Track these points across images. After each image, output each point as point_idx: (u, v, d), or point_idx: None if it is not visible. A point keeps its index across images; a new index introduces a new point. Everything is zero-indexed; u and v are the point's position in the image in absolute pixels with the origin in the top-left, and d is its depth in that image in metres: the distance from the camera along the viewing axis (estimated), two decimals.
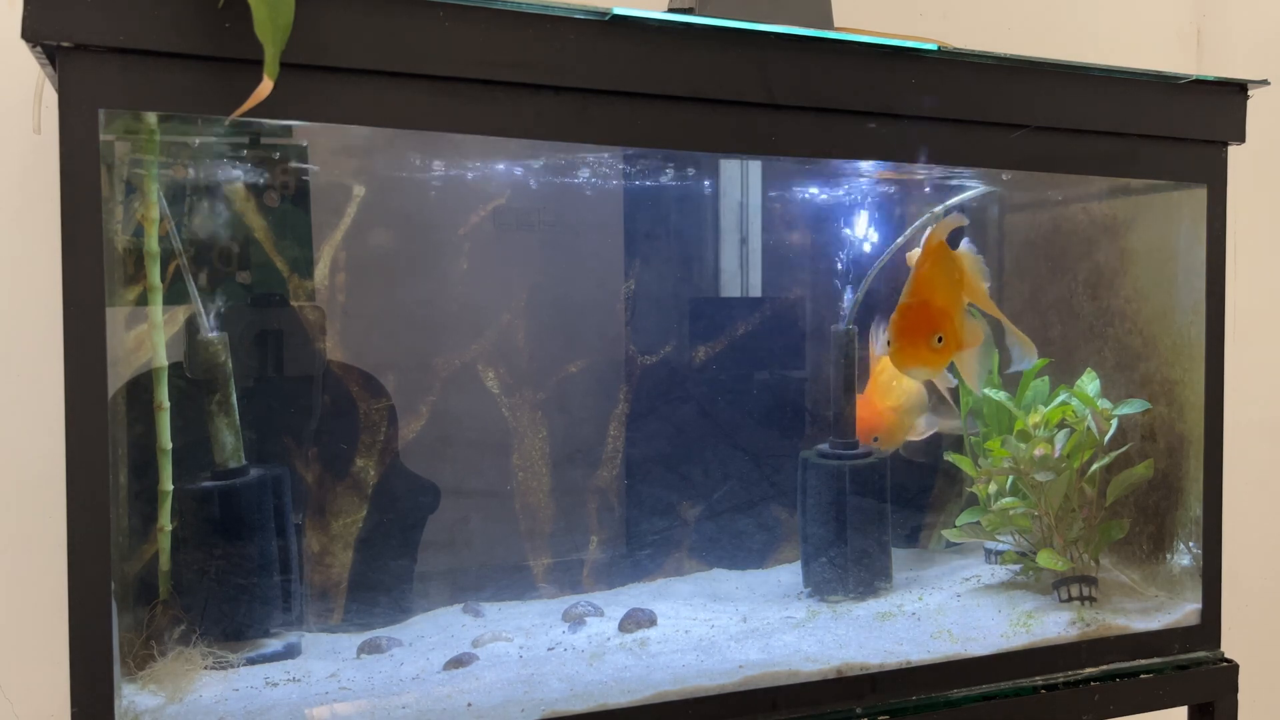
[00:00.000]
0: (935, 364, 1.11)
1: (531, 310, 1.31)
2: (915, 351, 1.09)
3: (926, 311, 1.10)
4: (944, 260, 1.16)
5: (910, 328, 1.09)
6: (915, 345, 1.09)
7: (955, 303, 1.15)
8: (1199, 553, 1.26)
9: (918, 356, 1.09)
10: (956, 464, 1.37)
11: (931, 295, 1.12)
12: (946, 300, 1.13)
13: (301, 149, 1.14)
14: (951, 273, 1.16)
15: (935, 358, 1.10)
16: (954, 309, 1.14)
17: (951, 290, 1.15)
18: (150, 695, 0.95)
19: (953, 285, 1.16)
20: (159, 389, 1.03)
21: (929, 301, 1.11)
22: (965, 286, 1.19)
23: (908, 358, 1.09)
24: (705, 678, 1.04)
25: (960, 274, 1.19)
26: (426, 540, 1.24)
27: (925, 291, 1.12)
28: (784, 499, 1.41)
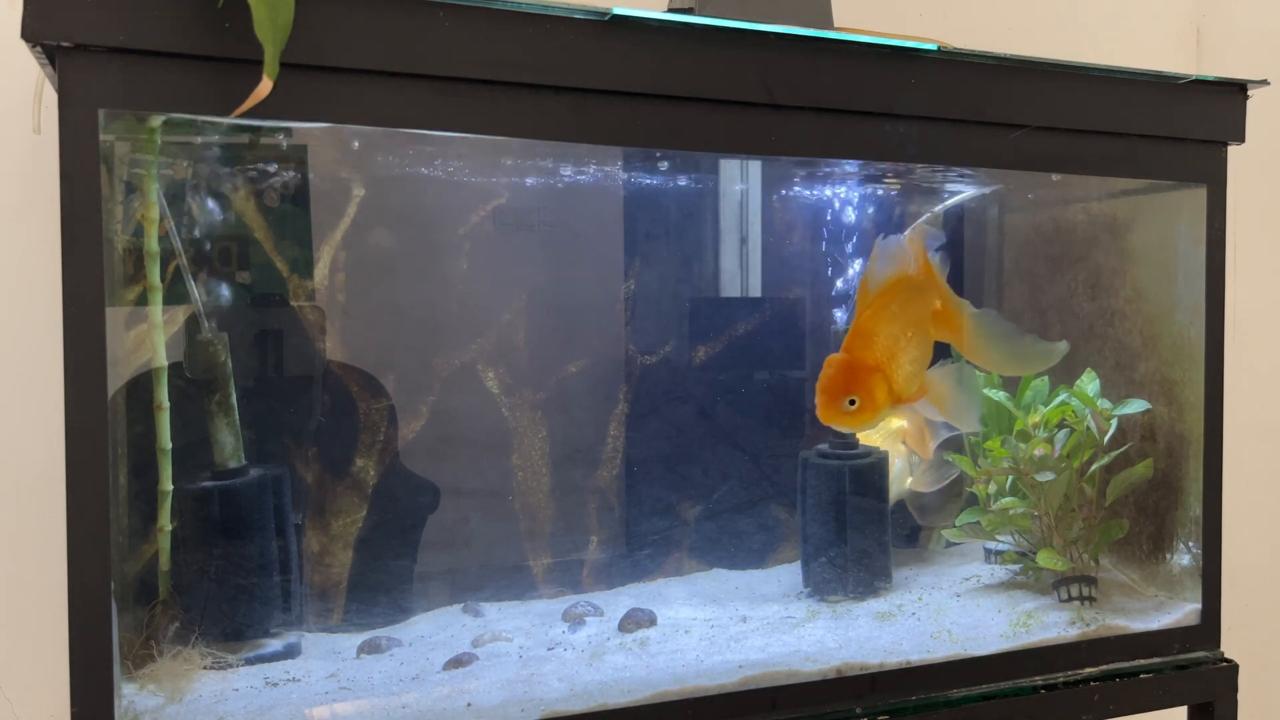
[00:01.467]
0: (854, 425, 1.05)
1: (531, 310, 1.31)
2: (829, 410, 1.04)
3: (847, 370, 1.04)
4: (901, 303, 1.07)
5: (826, 385, 1.04)
6: (828, 405, 1.04)
7: (897, 356, 1.06)
8: (1199, 552, 1.26)
9: (832, 417, 1.04)
10: (957, 464, 1.38)
11: (867, 349, 1.05)
12: (886, 355, 1.05)
13: (301, 149, 1.14)
14: (907, 317, 1.07)
15: (850, 420, 1.04)
16: (893, 364, 1.06)
17: (899, 341, 1.06)
18: (150, 695, 0.95)
19: (903, 334, 1.06)
20: (159, 389, 1.02)
21: (858, 359, 1.05)
22: (943, 323, 1.10)
23: (824, 415, 1.04)
24: (705, 678, 1.04)
25: (924, 312, 1.09)
26: (426, 540, 1.24)
27: (860, 344, 1.05)
28: (784, 499, 1.41)
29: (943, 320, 1.11)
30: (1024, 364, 1.18)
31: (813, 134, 1.03)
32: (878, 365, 1.05)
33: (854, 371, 1.04)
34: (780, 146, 1.03)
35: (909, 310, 1.07)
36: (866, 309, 1.06)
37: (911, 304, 1.07)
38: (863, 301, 1.07)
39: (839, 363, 1.04)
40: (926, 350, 1.09)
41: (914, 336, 1.07)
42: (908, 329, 1.06)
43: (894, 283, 1.06)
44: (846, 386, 1.03)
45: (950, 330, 1.12)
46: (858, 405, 1.03)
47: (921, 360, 1.08)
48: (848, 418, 1.04)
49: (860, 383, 1.04)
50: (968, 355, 1.11)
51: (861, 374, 1.04)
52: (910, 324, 1.06)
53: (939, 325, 1.11)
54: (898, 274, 1.07)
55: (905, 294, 1.07)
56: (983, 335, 1.13)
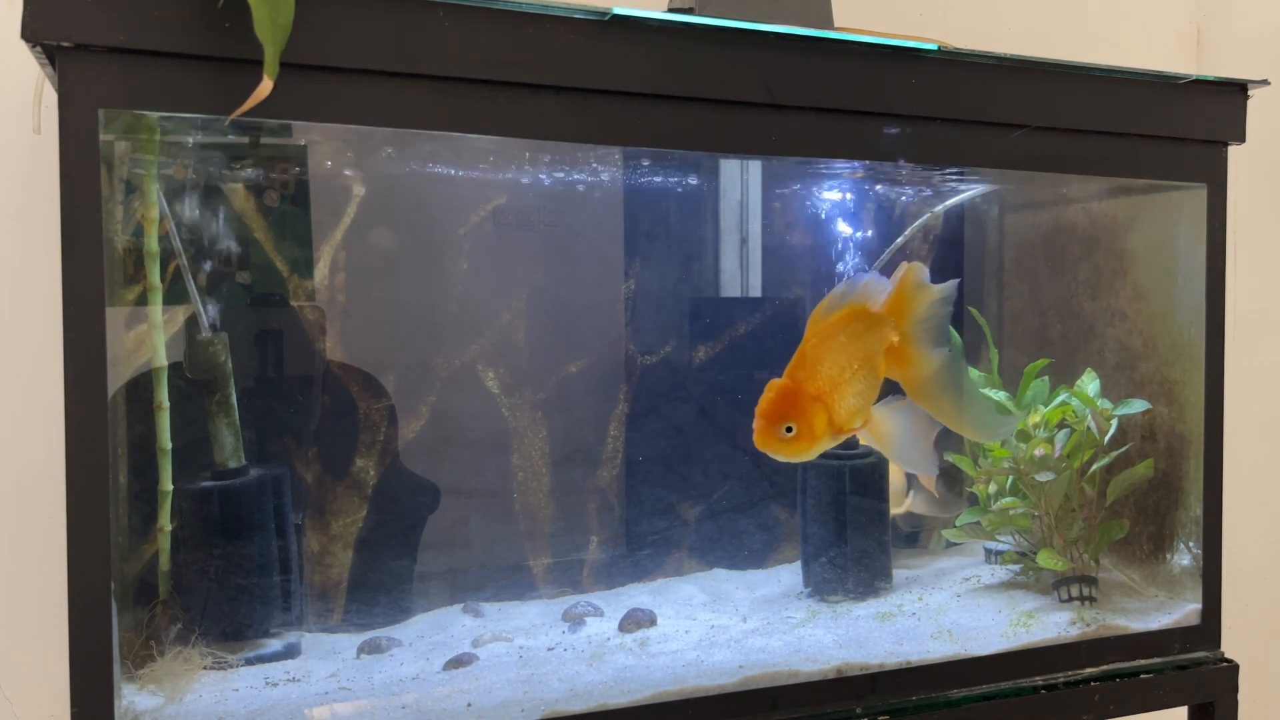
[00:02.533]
0: (790, 454, 1.02)
1: (531, 310, 1.31)
2: (765, 436, 1.01)
3: (787, 396, 1.01)
4: (851, 334, 1.04)
5: (765, 409, 1.01)
6: (764, 430, 1.01)
7: (841, 388, 1.03)
8: (1199, 552, 1.26)
9: (767, 443, 1.01)
10: (957, 464, 1.38)
11: (809, 378, 1.02)
12: (829, 384, 1.02)
13: (301, 149, 1.14)
14: (856, 349, 1.04)
15: (786, 447, 1.01)
16: (835, 394, 1.03)
17: (844, 372, 1.03)
18: (150, 695, 0.95)
19: (849, 366, 1.03)
20: (159, 389, 1.02)
21: (799, 386, 1.02)
22: (896, 360, 1.07)
23: (760, 440, 1.02)
24: (705, 678, 1.04)
25: (875, 346, 1.06)
26: (426, 540, 1.24)
27: (803, 371, 1.02)
28: (784, 499, 1.41)
29: (897, 358, 1.07)
30: (972, 428, 1.13)
31: (813, 134, 1.03)
32: (819, 394, 1.02)
33: (794, 398, 1.01)
34: (780, 146, 1.03)
35: (858, 343, 1.04)
36: (814, 336, 1.04)
37: (862, 337, 1.05)
38: (812, 328, 1.05)
39: (779, 388, 1.02)
40: (874, 385, 1.06)
41: (860, 369, 1.04)
42: (855, 361, 1.04)
43: (847, 314, 1.04)
44: (785, 413, 1.01)
45: (903, 370, 1.08)
46: (795, 433, 1.00)
47: (867, 394, 1.05)
48: (783, 445, 1.01)
49: (799, 410, 1.01)
50: (915, 398, 1.08)
51: (801, 402, 1.01)
52: (858, 356, 1.04)
53: (891, 362, 1.07)
54: (853, 306, 1.04)
55: (857, 326, 1.05)
56: (937, 385, 1.08)
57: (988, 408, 1.13)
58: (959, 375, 1.08)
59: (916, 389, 1.07)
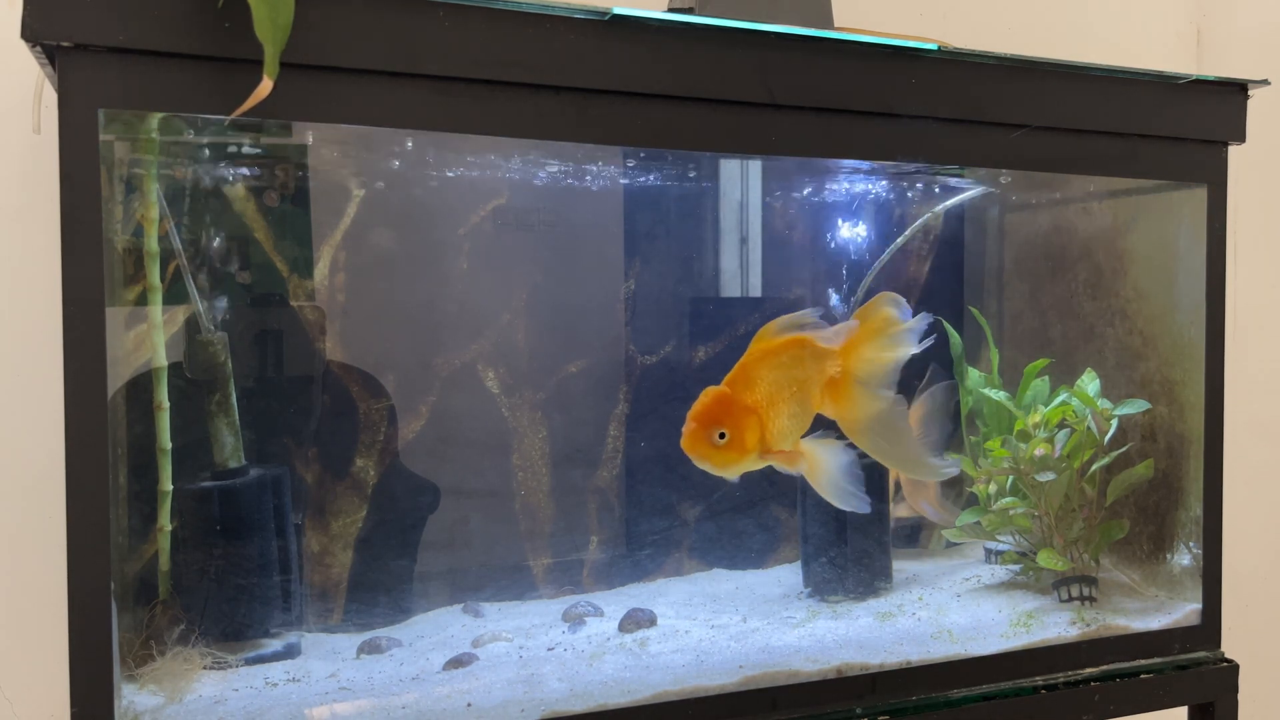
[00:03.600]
0: (717, 461, 1.01)
1: (531, 310, 1.31)
2: (695, 439, 1.00)
3: (724, 403, 1.01)
4: (793, 358, 1.04)
5: (699, 413, 1.00)
6: (696, 433, 1.00)
7: (776, 406, 1.02)
8: (1199, 553, 1.26)
9: (697, 446, 1.01)
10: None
11: (746, 390, 1.02)
12: (765, 400, 1.02)
13: (301, 149, 1.14)
14: (794, 374, 1.04)
15: (716, 454, 1.00)
16: (769, 412, 1.02)
17: (781, 392, 1.03)
18: (150, 695, 0.95)
19: (787, 389, 1.03)
20: (159, 389, 1.02)
21: (736, 396, 1.01)
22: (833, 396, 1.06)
23: (689, 442, 1.01)
24: (705, 678, 1.04)
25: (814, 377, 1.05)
26: (426, 540, 1.24)
27: (741, 383, 1.02)
28: (784, 499, 1.41)
29: (835, 394, 1.06)
30: (910, 470, 1.13)
31: (813, 134, 1.03)
32: (755, 408, 1.02)
33: (730, 406, 1.01)
34: (780, 146, 1.03)
35: (798, 368, 1.04)
36: (757, 351, 1.03)
37: (802, 363, 1.04)
38: (756, 344, 1.04)
39: (716, 394, 1.01)
40: (806, 412, 1.05)
41: (796, 394, 1.04)
42: (792, 385, 1.04)
43: (794, 339, 1.04)
44: (719, 419, 1.00)
45: (839, 407, 1.07)
46: (726, 440, 1.00)
47: (799, 419, 1.05)
48: (713, 451, 1.00)
49: (734, 419, 1.01)
50: (850, 436, 1.07)
51: (737, 411, 1.01)
52: (796, 381, 1.04)
53: (829, 397, 1.06)
54: (802, 335, 1.04)
55: (800, 352, 1.04)
56: (876, 427, 1.07)
57: (925, 451, 1.10)
58: (899, 419, 1.07)
59: (852, 428, 1.07)
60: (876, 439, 1.07)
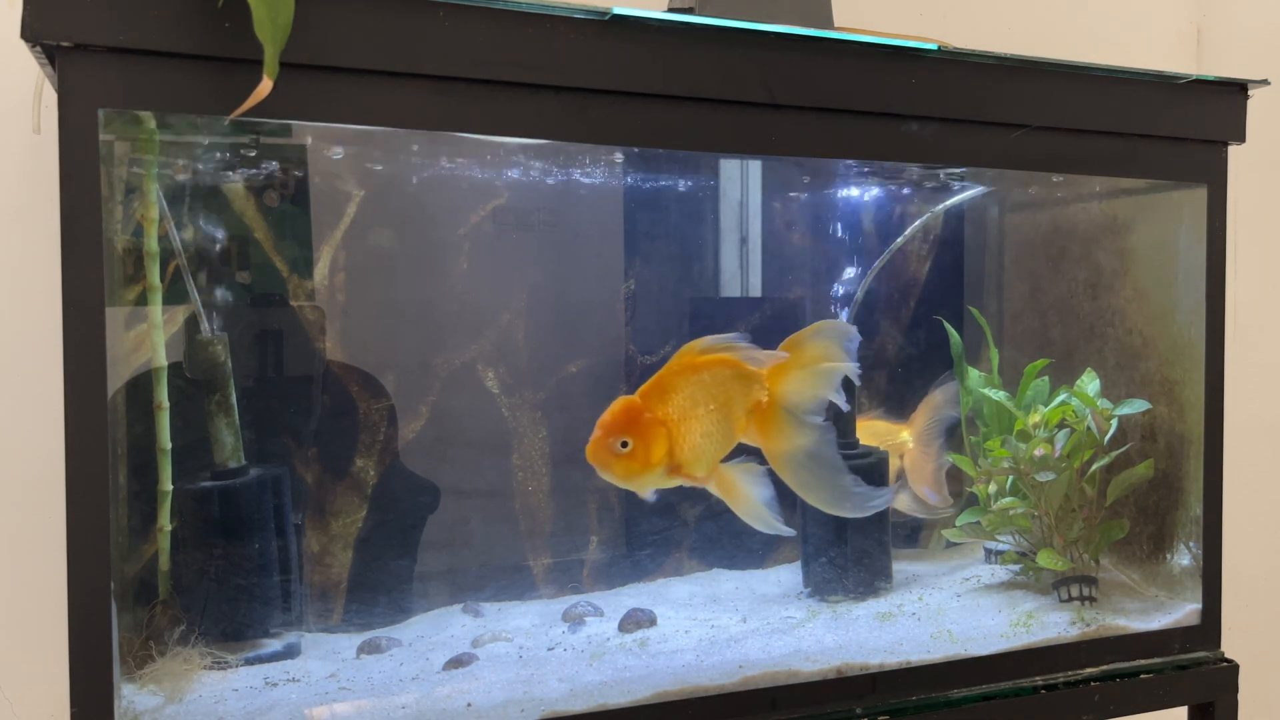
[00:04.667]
0: (619, 471, 0.99)
1: (531, 310, 1.31)
2: (599, 446, 0.99)
3: (632, 413, 0.99)
4: (716, 378, 1.02)
5: (605, 419, 0.99)
6: (600, 440, 0.98)
7: (690, 423, 1.00)
8: (1199, 553, 1.26)
9: (598, 454, 0.99)
10: (957, 464, 1.38)
11: (659, 403, 1.00)
12: (678, 415, 1.00)
13: (301, 149, 1.14)
14: (716, 394, 1.02)
15: (617, 463, 0.98)
16: (681, 428, 1.00)
17: (697, 409, 1.01)
18: (150, 695, 0.95)
19: (704, 407, 1.01)
20: (159, 389, 1.02)
21: (647, 407, 0.99)
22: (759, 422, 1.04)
23: (593, 449, 0.99)
24: (705, 678, 1.04)
25: (738, 400, 1.03)
26: (426, 540, 1.24)
27: (655, 395, 1.00)
28: (784, 499, 1.40)
29: (761, 421, 1.04)
30: (833, 506, 1.09)
31: (813, 134, 1.03)
32: (665, 421, 1.00)
33: (637, 416, 0.99)
34: (780, 146, 1.03)
35: (720, 389, 1.02)
36: (678, 366, 1.02)
37: (726, 385, 1.02)
38: (678, 359, 1.02)
39: (626, 403, 1.00)
40: (726, 435, 1.03)
41: (715, 415, 1.02)
42: (711, 404, 1.02)
43: (720, 359, 1.02)
44: (625, 427, 0.98)
45: (764, 435, 1.05)
46: (629, 450, 0.98)
47: (715, 440, 1.02)
48: (615, 459, 0.98)
49: (640, 429, 0.98)
50: (773, 466, 1.05)
51: (645, 422, 0.99)
52: (717, 400, 1.02)
53: (755, 423, 1.04)
54: (729, 355, 1.02)
55: (724, 372, 1.02)
56: (799, 458, 1.05)
57: (849, 485, 1.06)
58: (827, 450, 1.05)
59: (776, 459, 1.05)
60: (801, 471, 1.05)
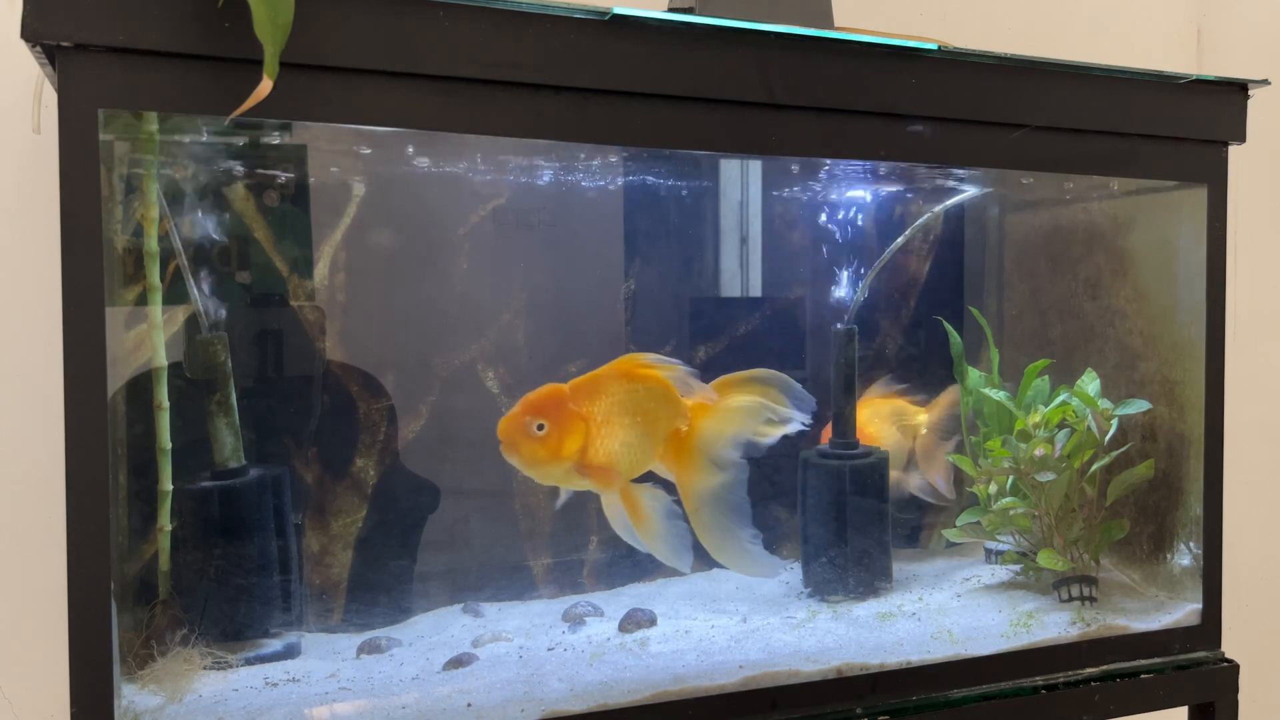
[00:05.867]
0: (527, 453, 0.98)
1: (531, 310, 1.31)
2: (514, 422, 0.98)
3: (557, 399, 0.99)
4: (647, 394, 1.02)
5: (529, 398, 0.99)
6: (517, 416, 0.98)
7: (611, 427, 1.00)
8: (1199, 553, 1.26)
9: (510, 430, 0.98)
10: (957, 464, 1.38)
11: (584, 398, 0.99)
12: (600, 416, 0.99)
13: (301, 148, 1.14)
14: (640, 409, 1.01)
15: (527, 444, 0.98)
16: (600, 429, 1.00)
17: (619, 416, 1.00)
18: (150, 695, 0.95)
19: (627, 416, 1.01)
20: (159, 389, 1.02)
21: (573, 399, 0.99)
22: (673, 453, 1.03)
23: (506, 422, 0.99)
24: (705, 678, 1.04)
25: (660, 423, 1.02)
26: (426, 540, 1.24)
27: (583, 390, 1.00)
28: (784, 499, 1.41)
29: (677, 451, 1.04)
30: (722, 551, 1.08)
31: (813, 134, 1.03)
32: (587, 418, 1.00)
33: (561, 404, 0.99)
34: (780, 146, 1.03)
35: (648, 404, 1.02)
36: (613, 370, 1.02)
37: (654, 403, 1.02)
38: (616, 364, 1.02)
39: (553, 388, 1.00)
40: (642, 450, 1.02)
41: (637, 427, 1.02)
42: (635, 416, 1.01)
43: (655, 378, 1.02)
44: (545, 410, 0.98)
45: (677, 467, 1.04)
46: (544, 434, 0.98)
47: (632, 451, 1.02)
48: (525, 440, 0.98)
49: (561, 417, 0.98)
50: (684, 499, 1.05)
51: (567, 413, 0.99)
52: (641, 414, 1.01)
53: (671, 451, 1.04)
54: (664, 379, 1.02)
55: (655, 391, 1.02)
56: (706, 499, 1.05)
57: (748, 540, 1.06)
58: (730, 498, 1.05)
59: (686, 492, 1.04)
60: (703, 512, 1.04)
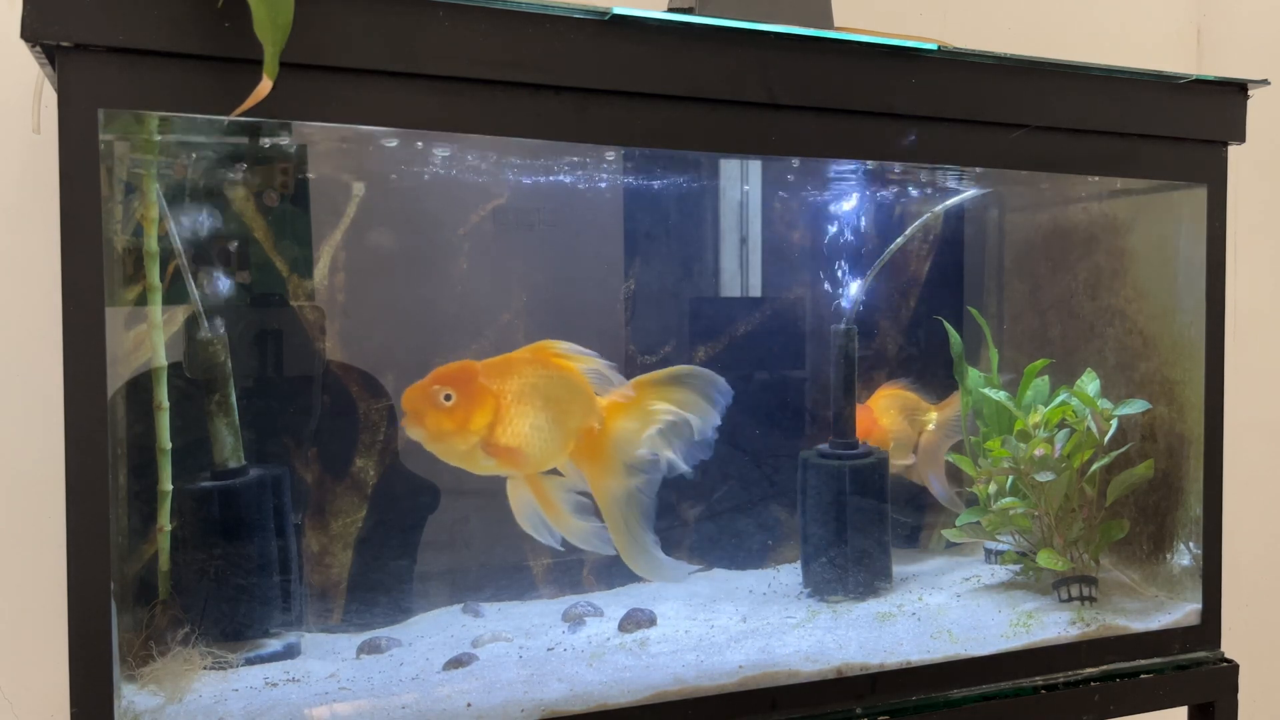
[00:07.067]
0: (432, 424, 0.96)
1: (531, 310, 1.31)
2: (421, 391, 0.96)
3: (468, 373, 0.97)
4: (561, 385, 1.00)
5: (440, 370, 0.97)
6: (425, 385, 0.96)
7: (521, 409, 0.98)
8: (1199, 553, 1.26)
9: (416, 400, 0.96)
10: (957, 464, 1.38)
11: (498, 377, 0.97)
12: (510, 397, 0.97)
13: (301, 149, 1.14)
14: (553, 399, 0.99)
15: (434, 415, 0.96)
16: (509, 410, 0.98)
17: (530, 402, 0.98)
18: (150, 695, 0.95)
19: (540, 403, 0.99)
20: (159, 389, 1.02)
21: (485, 375, 0.97)
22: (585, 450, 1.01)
23: (412, 391, 0.97)
24: (705, 678, 1.04)
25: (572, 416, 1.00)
26: (426, 540, 1.24)
27: (497, 369, 0.98)
28: (784, 499, 1.41)
29: (589, 447, 1.02)
30: (626, 552, 1.06)
31: (813, 134, 1.03)
32: (497, 395, 0.97)
33: (473, 378, 0.97)
34: (780, 146, 1.03)
35: (562, 393, 1.00)
36: (529, 354, 1.00)
37: (567, 393, 1.00)
38: (532, 350, 1.00)
39: (465, 362, 0.98)
40: (551, 439, 1.00)
41: (547, 413, 1.00)
42: (547, 402, 0.99)
43: (572, 369, 1.00)
44: (455, 381, 0.96)
45: (589, 464, 1.03)
46: (451, 404, 0.96)
47: (541, 436, 1.00)
48: (432, 410, 0.96)
49: (471, 391, 0.96)
50: (595, 494, 1.04)
51: (478, 386, 0.97)
52: (553, 402, 1.00)
53: (582, 447, 1.03)
54: (580, 371, 1.00)
55: (570, 382, 1.00)
56: (613, 494, 1.03)
57: (650, 544, 1.05)
58: (639, 500, 1.04)
59: (595, 490, 1.03)
60: (617, 513, 1.03)
